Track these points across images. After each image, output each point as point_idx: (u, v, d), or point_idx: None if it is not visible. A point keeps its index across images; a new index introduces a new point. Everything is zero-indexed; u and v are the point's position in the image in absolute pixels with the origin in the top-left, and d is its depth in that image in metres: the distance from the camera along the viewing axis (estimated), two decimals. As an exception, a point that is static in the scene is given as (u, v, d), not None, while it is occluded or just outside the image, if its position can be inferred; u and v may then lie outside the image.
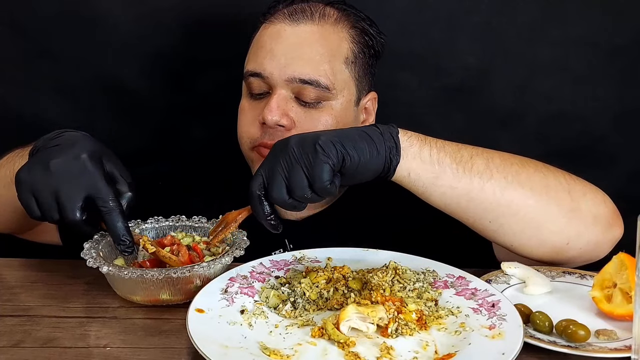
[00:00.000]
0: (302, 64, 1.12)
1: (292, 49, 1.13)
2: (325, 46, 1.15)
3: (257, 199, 0.89)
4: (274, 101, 1.12)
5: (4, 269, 1.05)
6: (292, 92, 1.13)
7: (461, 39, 1.44)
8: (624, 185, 1.50)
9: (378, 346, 0.80)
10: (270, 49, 1.14)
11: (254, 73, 1.14)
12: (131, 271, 0.90)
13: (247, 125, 1.16)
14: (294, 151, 0.87)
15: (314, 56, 1.13)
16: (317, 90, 1.13)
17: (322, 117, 1.14)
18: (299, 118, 1.13)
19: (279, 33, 1.15)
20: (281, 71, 1.12)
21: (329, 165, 0.86)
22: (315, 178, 0.86)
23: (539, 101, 1.48)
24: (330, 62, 1.14)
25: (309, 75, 1.12)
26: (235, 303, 0.89)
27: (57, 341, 0.84)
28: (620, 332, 0.87)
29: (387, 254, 1.02)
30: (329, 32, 1.16)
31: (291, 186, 0.87)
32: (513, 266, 1.00)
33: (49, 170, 0.92)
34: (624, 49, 1.45)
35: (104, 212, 0.92)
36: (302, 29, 1.14)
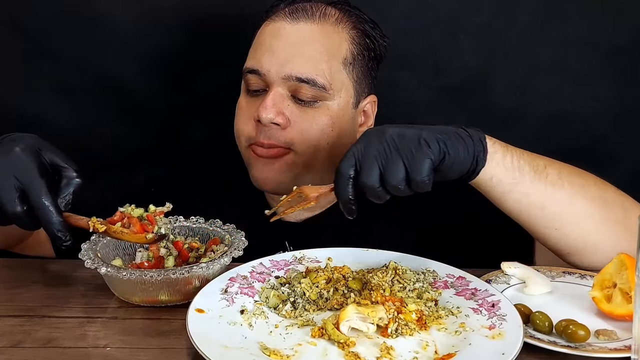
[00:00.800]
0: (300, 62, 1.12)
1: (291, 47, 1.13)
2: (324, 45, 1.15)
3: (346, 179, 0.88)
4: (269, 99, 1.11)
5: (4, 269, 1.05)
6: (289, 90, 1.13)
7: (461, 39, 1.44)
8: (624, 185, 1.49)
9: (378, 346, 0.80)
10: (269, 46, 1.14)
11: (252, 70, 1.14)
12: (129, 272, 0.89)
13: (243, 122, 1.16)
14: (395, 141, 0.87)
15: (312, 55, 1.13)
16: (313, 90, 1.12)
17: (318, 117, 1.14)
18: (295, 117, 1.13)
19: (279, 30, 1.14)
20: (278, 69, 1.12)
21: (430, 160, 0.87)
22: (416, 171, 0.86)
23: (539, 101, 1.48)
24: (328, 61, 1.14)
25: (305, 74, 1.12)
26: (235, 303, 0.89)
27: (57, 341, 0.84)
28: (620, 332, 0.87)
29: (387, 254, 1.02)
30: (329, 31, 1.16)
31: (387, 175, 0.87)
32: (513, 266, 0.99)
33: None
34: (624, 49, 1.45)
35: (36, 208, 0.87)
36: (302, 27, 1.14)
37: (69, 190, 0.90)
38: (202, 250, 1.02)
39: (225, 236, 1.02)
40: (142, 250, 1.02)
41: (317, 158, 1.15)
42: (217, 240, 1.03)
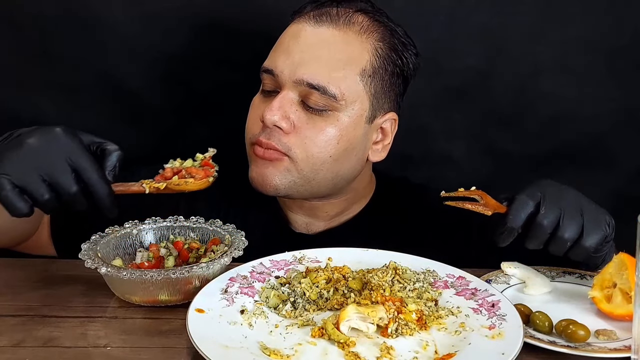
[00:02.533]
0: (314, 66, 1.08)
1: (307, 50, 1.10)
2: (343, 52, 1.10)
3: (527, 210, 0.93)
4: (276, 101, 1.09)
5: (4, 269, 1.05)
6: (299, 95, 1.10)
7: (461, 39, 1.44)
8: (624, 185, 1.50)
9: (378, 346, 0.80)
10: (286, 47, 1.12)
11: (267, 70, 1.12)
12: (130, 272, 0.89)
13: (252, 121, 1.14)
14: (584, 205, 0.95)
15: (327, 61, 1.09)
16: (323, 98, 1.08)
17: (325, 127, 1.09)
18: (301, 123, 1.09)
19: (299, 32, 1.12)
20: (291, 71, 1.09)
21: (604, 237, 0.94)
22: (588, 238, 0.93)
23: (539, 101, 1.48)
24: (344, 70, 1.10)
25: (317, 81, 1.08)
26: (235, 303, 0.89)
27: (57, 341, 0.84)
28: (620, 332, 0.87)
29: (387, 254, 1.02)
30: (351, 39, 1.11)
31: (563, 226, 0.92)
32: (513, 266, 1.00)
33: (25, 152, 0.86)
34: (624, 49, 1.45)
35: (90, 185, 0.87)
36: (323, 31, 1.11)
37: (113, 161, 0.91)
38: (202, 250, 1.03)
39: (225, 236, 1.02)
40: (142, 250, 1.02)
41: (316, 170, 1.11)
42: (217, 240, 1.03)
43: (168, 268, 0.96)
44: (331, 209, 1.20)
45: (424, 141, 1.48)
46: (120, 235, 1.02)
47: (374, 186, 1.26)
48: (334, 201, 1.19)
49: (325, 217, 1.21)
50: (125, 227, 1.03)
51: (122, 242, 1.02)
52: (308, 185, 1.13)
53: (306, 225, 1.21)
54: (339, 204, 1.20)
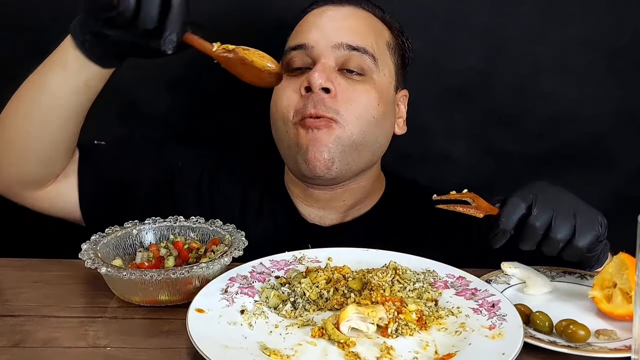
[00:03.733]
0: (350, 32, 1.14)
1: (339, 21, 1.15)
2: (370, 25, 1.17)
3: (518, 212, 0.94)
4: (318, 66, 1.11)
5: (4, 269, 1.05)
6: (336, 62, 1.12)
7: (461, 39, 1.44)
8: (624, 185, 1.50)
9: (378, 346, 0.80)
10: (315, 24, 1.15)
11: (297, 46, 1.13)
12: (130, 272, 0.89)
13: (287, 98, 1.13)
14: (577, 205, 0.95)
15: (359, 28, 1.15)
16: (363, 59, 1.12)
17: (365, 89, 1.13)
18: (342, 88, 1.11)
19: (324, 12, 1.16)
20: (327, 39, 1.12)
21: (596, 237, 0.95)
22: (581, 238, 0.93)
23: (539, 101, 1.48)
24: (375, 37, 1.17)
25: (356, 42, 1.12)
26: (235, 303, 0.89)
27: (57, 341, 0.84)
28: (620, 332, 0.87)
29: (387, 254, 1.02)
30: (371, 17, 1.19)
31: (555, 227, 0.93)
32: (513, 266, 1.00)
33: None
34: (624, 49, 1.45)
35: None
36: (348, 9, 1.17)
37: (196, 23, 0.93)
38: (202, 250, 1.03)
39: (225, 236, 1.02)
40: (142, 250, 1.02)
41: (363, 132, 1.12)
42: (217, 240, 1.03)
43: (168, 268, 0.96)
44: (348, 198, 1.20)
45: (424, 141, 1.48)
46: (120, 235, 1.02)
47: (384, 184, 1.28)
48: (353, 186, 1.19)
49: (340, 209, 1.21)
50: (125, 227, 1.03)
51: (122, 242, 1.02)
52: (355, 154, 1.13)
53: (319, 219, 1.22)
54: (355, 192, 1.20)
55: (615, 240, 1.03)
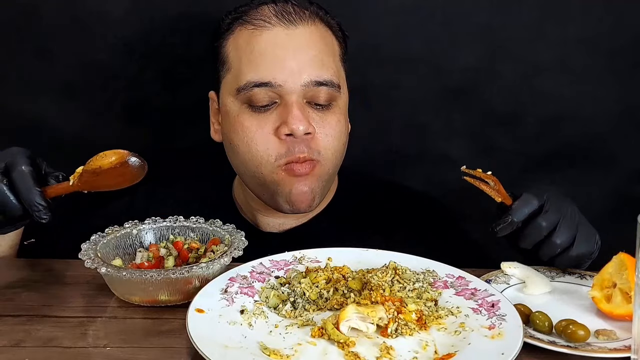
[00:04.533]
0: (315, 66, 1.10)
1: (300, 53, 1.10)
2: (326, 45, 1.14)
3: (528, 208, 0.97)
4: (297, 110, 1.07)
5: (4, 269, 1.05)
6: (305, 97, 1.10)
7: (461, 39, 1.44)
8: (624, 185, 1.50)
9: (378, 346, 0.80)
10: (274, 56, 1.09)
11: (261, 83, 1.08)
12: (129, 272, 0.90)
13: (263, 141, 1.09)
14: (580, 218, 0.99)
15: (321, 57, 1.11)
16: (330, 91, 1.11)
17: (335, 118, 1.12)
18: (317, 123, 1.11)
19: (278, 38, 1.10)
20: (295, 77, 1.08)
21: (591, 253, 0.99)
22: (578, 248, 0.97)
23: (539, 101, 1.48)
24: (334, 60, 1.14)
25: (323, 77, 1.10)
26: (235, 303, 0.89)
27: (57, 341, 0.84)
28: (620, 332, 0.87)
29: (387, 254, 1.02)
30: (322, 31, 1.15)
31: (557, 232, 0.96)
32: (513, 266, 1.00)
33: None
34: (624, 49, 1.45)
35: (16, 179, 0.92)
36: (301, 32, 1.11)
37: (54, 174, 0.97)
38: (202, 250, 1.03)
39: (225, 236, 1.02)
40: (142, 250, 1.02)
41: (337, 163, 1.15)
42: (217, 240, 1.03)
43: (168, 268, 0.97)
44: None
45: (423, 140, 1.48)
46: (120, 235, 1.02)
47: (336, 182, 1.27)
48: None
49: (300, 215, 1.20)
50: (125, 227, 1.03)
51: (121, 242, 1.02)
52: (328, 183, 1.16)
53: (278, 226, 1.22)
54: None
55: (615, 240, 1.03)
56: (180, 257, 1.02)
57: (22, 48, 1.42)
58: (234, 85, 1.12)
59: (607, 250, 0.97)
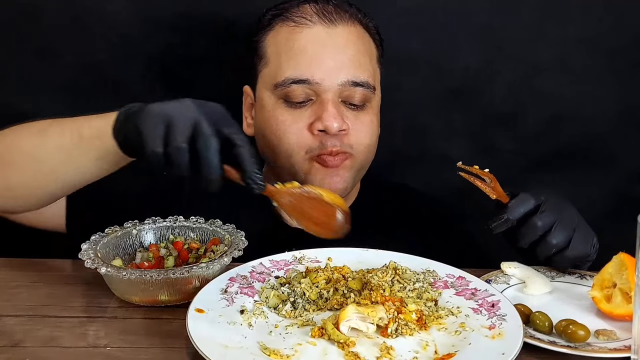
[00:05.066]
0: (353, 66, 1.12)
1: (339, 52, 1.12)
2: (364, 46, 1.16)
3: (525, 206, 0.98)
4: (332, 108, 1.10)
5: (4, 269, 1.05)
6: (340, 96, 1.12)
7: (461, 39, 1.44)
8: (624, 185, 1.50)
9: (378, 346, 0.80)
10: (314, 53, 1.11)
11: (299, 80, 1.11)
12: (130, 272, 0.89)
13: (296, 135, 1.12)
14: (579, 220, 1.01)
15: (359, 58, 1.14)
16: (365, 92, 1.13)
17: (368, 118, 1.16)
18: (350, 122, 1.13)
19: (318, 36, 1.12)
20: (332, 76, 1.11)
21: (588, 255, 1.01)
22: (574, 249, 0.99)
23: (539, 101, 1.48)
24: (371, 62, 1.17)
25: (360, 78, 1.12)
26: (235, 303, 0.89)
27: (57, 341, 0.84)
28: (620, 332, 0.87)
29: (387, 254, 1.02)
30: (361, 32, 1.17)
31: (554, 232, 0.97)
32: (513, 266, 1.00)
33: (186, 103, 0.86)
34: (624, 49, 1.45)
35: (239, 146, 0.85)
36: (341, 31, 1.14)
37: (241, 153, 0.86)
38: (202, 250, 1.03)
39: (225, 236, 1.02)
40: (142, 250, 1.02)
41: (368, 158, 1.18)
42: (217, 240, 1.03)
43: (168, 268, 0.97)
44: None
45: (423, 141, 1.48)
46: (120, 235, 1.02)
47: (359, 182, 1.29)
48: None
49: None
50: (125, 227, 1.03)
51: (121, 242, 1.02)
52: (360, 174, 1.19)
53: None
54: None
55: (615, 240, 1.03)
56: (180, 257, 1.02)
57: (22, 48, 1.42)
58: (271, 80, 1.14)
59: (607, 250, 0.97)
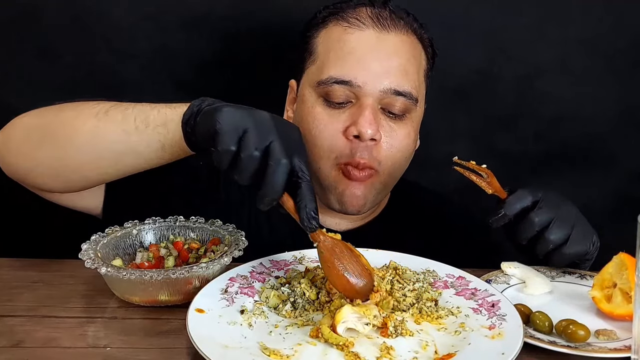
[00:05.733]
0: (398, 74, 1.10)
1: (386, 59, 1.10)
2: (412, 57, 1.14)
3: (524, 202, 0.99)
4: (369, 113, 1.08)
5: (4, 269, 1.05)
6: (380, 103, 1.10)
7: (461, 39, 1.44)
8: (624, 185, 1.50)
9: (378, 346, 0.80)
10: (361, 56, 1.10)
11: (342, 80, 1.09)
12: (130, 272, 0.89)
13: (330, 137, 1.10)
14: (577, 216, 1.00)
15: (406, 67, 1.12)
16: (406, 102, 1.11)
17: (405, 130, 1.13)
18: (385, 131, 1.11)
19: (369, 40, 1.11)
20: (375, 81, 1.08)
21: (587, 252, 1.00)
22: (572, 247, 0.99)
23: (539, 101, 1.48)
24: (417, 73, 1.15)
25: (403, 87, 1.10)
26: (235, 303, 0.89)
27: (57, 341, 0.84)
28: (620, 332, 0.87)
29: (387, 254, 1.02)
30: (414, 42, 1.15)
31: (552, 229, 0.97)
32: (513, 266, 1.00)
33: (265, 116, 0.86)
34: (624, 49, 1.45)
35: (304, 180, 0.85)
36: (393, 39, 1.12)
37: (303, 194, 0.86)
38: (202, 250, 1.03)
39: (225, 236, 1.02)
40: (142, 250, 1.02)
41: (396, 176, 1.16)
42: (217, 240, 1.03)
43: (168, 268, 0.96)
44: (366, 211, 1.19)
45: (425, 142, 1.47)
46: (120, 235, 1.02)
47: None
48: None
49: (357, 218, 1.21)
50: (125, 227, 1.03)
51: (122, 242, 1.02)
52: (383, 193, 1.17)
53: (335, 225, 1.22)
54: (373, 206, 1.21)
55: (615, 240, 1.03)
56: (180, 257, 1.02)
57: (22, 48, 1.42)
58: (315, 77, 1.13)
59: (607, 250, 0.98)
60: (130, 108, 0.98)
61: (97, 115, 0.98)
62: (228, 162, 0.84)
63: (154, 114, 0.95)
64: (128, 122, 0.96)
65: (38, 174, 1.05)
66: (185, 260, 1.02)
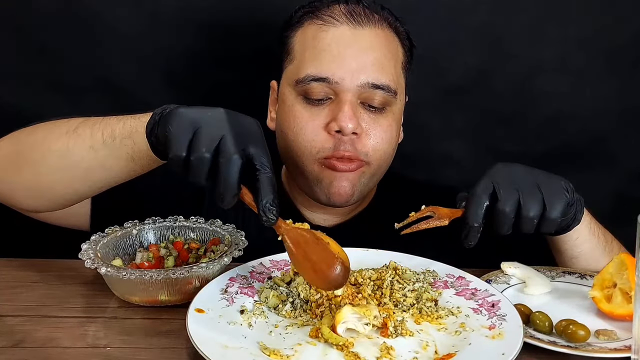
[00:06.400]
0: (374, 68, 1.11)
1: (362, 54, 1.11)
2: (390, 50, 1.15)
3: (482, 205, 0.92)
4: (348, 108, 1.09)
5: (4, 269, 1.05)
6: (359, 97, 1.11)
7: (461, 39, 1.44)
8: (624, 185, 1.50)
9: (378, 346, 0.80)
10: (337, 53, 1.11)
11: (319, 78, 1.10)
12: (130, 272, 0.89)
13: (311, 133, 1.11)
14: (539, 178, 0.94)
15: (382, 61, 1.12)
16: (385, 95, 1.12)
17: (387, 123, 1.13)
18: (368, 125, 1.12)
19: (343, 37, 1.12)
20: (353, 77, 1.09)
21: (567, 204, 0.93)
22: (553, 209, 0.92)
23: (539, 101, 1.48)
24: (395, 66, 1.15)
25: (381, 80, 1.11)
26: (235, 303, 0.89)
27: (57, 341, 0.84)
28: (620, 332, 0.87)
29: (387, 253, 1.02)
30: (389, 36, 1.16)
31: (525, 207, 0.91)
32: (513, 266, 1.00)
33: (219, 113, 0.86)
34: (624, 49, 1.45)
35: (261, 172, 0.84)
36: (367, 33, 1.13)
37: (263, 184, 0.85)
38: (202, 250, 1.03)
39: (225, 236, 1.02)
40: (142, 250, 1.02)
41: (384, 166, 1.17)
42: (216, 240, 1.03)
43: (168, 268, 0.96)
44: (353, 204, 1.20)
45: (424, 140, 1.48)
46: (120, 235, 1.02)
47: None
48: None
49: (343, 212, 1.22)
50: (125, 227, 1.03)
51: (122, 242, 1.02)
52: (371, 184, 1.17)
53: (324, 221, 1.23)
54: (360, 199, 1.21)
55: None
56: (180, 257, 1.02)
57: (22, 48, 1.42)
58: (294, 76, 1.14)
59: (607, 250, 0.98)
60: (98, 123, 0.98)
61: (67, 134, 0.99)
62: (180, 167, 0.84)
63: (120, 126, 0.96)
64: (95, 137, 0.96)
65: (20, 196, 1.07)
66: (185, 260, 1.02)
